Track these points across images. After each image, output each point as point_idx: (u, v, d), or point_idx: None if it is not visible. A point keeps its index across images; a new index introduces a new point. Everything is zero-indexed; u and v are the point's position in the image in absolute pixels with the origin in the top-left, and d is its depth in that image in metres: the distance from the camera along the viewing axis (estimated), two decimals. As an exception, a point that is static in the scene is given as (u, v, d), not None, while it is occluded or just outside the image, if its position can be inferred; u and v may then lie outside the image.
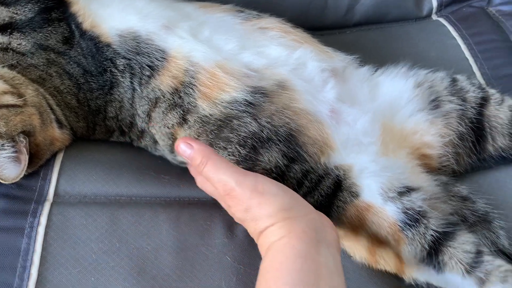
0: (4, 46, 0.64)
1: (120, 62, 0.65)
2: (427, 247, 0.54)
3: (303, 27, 0.77)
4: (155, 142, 0.66)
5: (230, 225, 0.63)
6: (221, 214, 0.64)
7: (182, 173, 0.67)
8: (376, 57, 0.78)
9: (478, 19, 0.90)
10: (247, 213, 0.52)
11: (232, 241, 0.62)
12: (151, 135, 0.67)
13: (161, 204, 0.65)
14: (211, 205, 0.65)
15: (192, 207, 0.65)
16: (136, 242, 0.60)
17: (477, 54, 0.84)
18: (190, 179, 0.66)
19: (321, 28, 0.92)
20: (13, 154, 0.58)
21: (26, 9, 0.65)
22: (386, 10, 0.92)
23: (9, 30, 0.64)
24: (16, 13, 0.65)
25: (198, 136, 0.62)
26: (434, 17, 0.95)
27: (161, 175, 0.67)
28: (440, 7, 0.94)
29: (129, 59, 0.65)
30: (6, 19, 0.64)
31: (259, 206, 0.51)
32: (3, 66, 0.63)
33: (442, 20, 0.92)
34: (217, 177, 0.53)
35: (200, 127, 0.62)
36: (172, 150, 0.65)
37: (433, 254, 0.54)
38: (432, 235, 0.55)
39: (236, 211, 0.54)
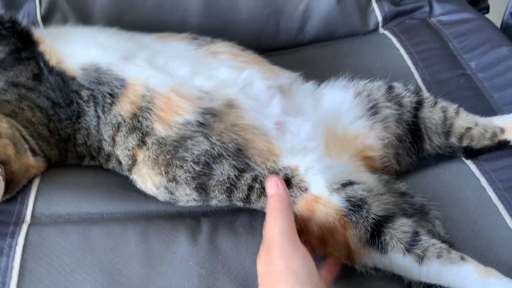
0: (-22, 85, 0.71)
1: (85, 93, 0.72)
2: (369, 229, 0.60)
3: (258, 49, 0.84)
4: (120, 163, 0.73)
5: (193, 234, 0.69)
6: (186, 225, 0.70)
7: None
8: (327, 72, 0.85)
9: (420, 29, 0.98)
10: (267, 274, 0.53)
11: (195, 247, 0.67)
12: (116, 157, 0.73)
13: (130, 219, 0.71)
14: (176, 217, 0.72)
15: (158, 220, 0.71)
16: (107, 255, 0.66)
17: (418, 62, 0.91)
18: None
19: (276, 48, 1.00)
20: (-10, 182, 0.65)
21: (-2, 51, 0.72)
22: (334, 28, 1.00)
23: (-17, 71, 0.71)
24: (-11, 56, 0.72)
25: (157, 157, 0.68)
26: (381, 30, 1.02)
27: (129, 192, 0.73)
28: (385, 21, 1.02)
29: (92, 90, 0.72)
30: (-20, 61, 0.71)
31: (279, 276, 0.52)
32: (-21, 104, 0.70)
33: (387, 33, 1.00)
34: (274, 224, 0.55)
35: (157, 148, 0.68)
36: (129, 169, 0.71)
37: (375, 235, 0.60)
38: (373, 218, 0.61)
39: (260, 263, 0.55)
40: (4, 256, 0.64)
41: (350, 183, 0.64)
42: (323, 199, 0.63)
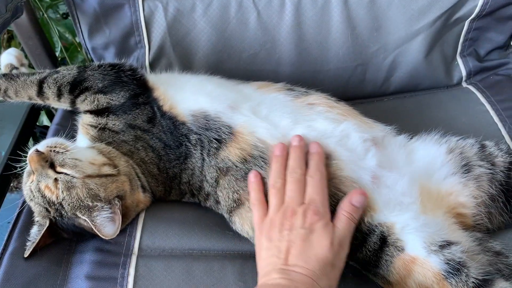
0: (102, 126, 0.79)
1: (193, 137, 0.78)
2: None
3: (344, 97, 0.89)
4: (217, 203, 0.78)
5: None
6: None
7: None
8: (411, 122, 0.88)
9: (505, 86, 0.99)
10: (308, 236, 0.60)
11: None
12: (215, 197, 0.78)
13: (227, 257, 0.75)
14: (270, 258, 0.76)
15: (253, 260, 0.74)
16: (208, 291, 0.71)
17: (505, 119, 0.92)
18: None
19: (361, 97, 1.04)
20: (110, 215, 0.71)
21: (120, 96, 0.80)
22: (419, 81, 1.03)
23: (106, 113, 0.79)
24: (112, 99, 0.80)
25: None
26: (464, 84, 1.05)
27: (225, 231, 0.78)
28: (469, 75, 1.04)
29: (199, 134, 0.78)
30: (105, 104, 0.79)
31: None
32: (102, 143, 0.78)
33: (471, 87, 1.02)
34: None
35: None
36: (231, 210, 0.76)
37: None
38: (473, 282, 0.62)
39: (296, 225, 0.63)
40: (118, 286, 0.70)
41: (448, 244, 0.66)
42: (420, 260, 0.65)
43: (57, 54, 1.37)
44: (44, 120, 1.45)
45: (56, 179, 0.71)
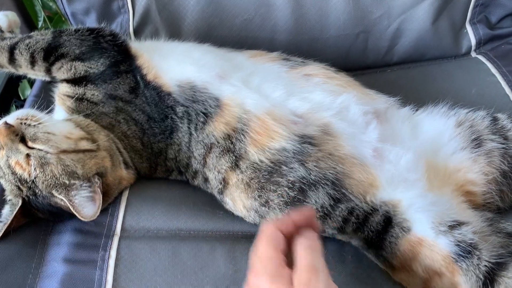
0: (80, 96, 0.72)
1: (179, 110, 0.72)
2: (482, 277, 0.57)
3: (344, 68, 0.82)
4: (206, 180, 0.72)
5: (282, 259, 0.68)
6: (272, 248, 0.69)
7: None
8: (416, 95, 0.82)
9: (517, 56, 0.93)
10: None
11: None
12: (203, 174, 0.72)
13: (217, 237, 0.70)
14: (263, 240, 0.71)
15: (245, 241, 0.70)
16: (196, 274, 0.65)
17: (518, 90, 0.86)
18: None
19: (362, 68, 0.97)
20: (89, 194, 0.66)
21: (99, 63, 0.73)
22: (425, 50, 0.96)
23: (84, 82, 0.72)
24: (90, 67, 0.73)
25: (250, 180, 0.67)
26: (473, 54, 0.98)
27: (216, 210, 0.73)
28: (479, 45, 0.97)
29: (186, 107, 0.71)
30: (82, 72, 0.73)
31: None
32: (79, 115, 0.71)
33: (481, 57, 0.95)
34: (311, 257, 0.47)
35: (252, 172, 0.66)
36: (221, 192, 0.70)
37: (488, 284, 0.56)
38: (486, 266, 0.57)
39: None
40: (98, 270, 0.65)
41: (457, 224, 0.60)
42: (428, 242, 0.60)
43: (40, 24, 1.29)
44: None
45: (28, 155, 0.65)
